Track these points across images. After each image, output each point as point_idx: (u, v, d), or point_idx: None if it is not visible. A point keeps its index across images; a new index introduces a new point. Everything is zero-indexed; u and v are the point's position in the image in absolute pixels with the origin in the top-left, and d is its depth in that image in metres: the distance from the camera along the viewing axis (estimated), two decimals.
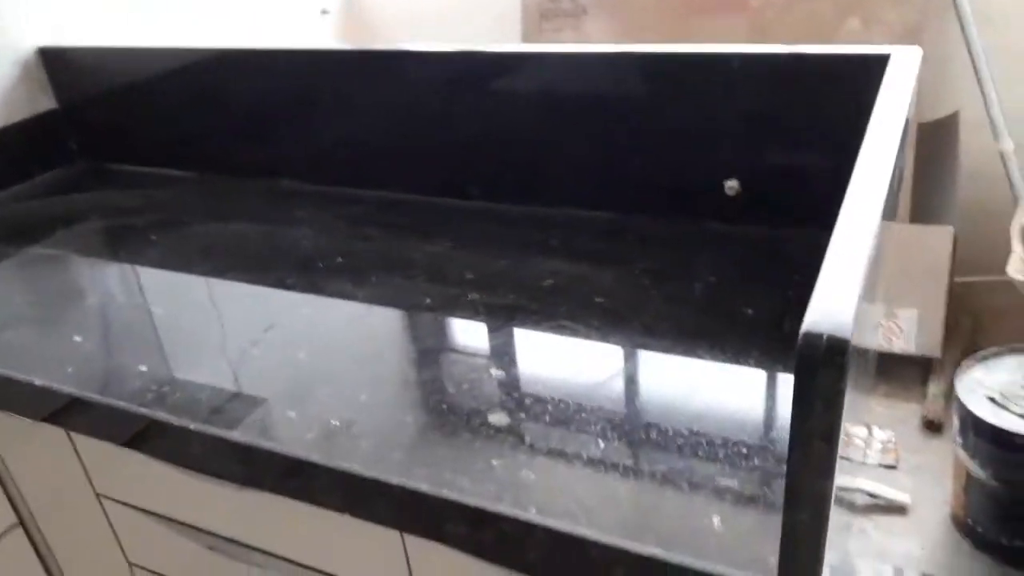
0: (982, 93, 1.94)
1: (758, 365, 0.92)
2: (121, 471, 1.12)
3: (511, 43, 2.27)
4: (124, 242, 1.42)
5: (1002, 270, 1.72)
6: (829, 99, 1.12)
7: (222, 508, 1.04)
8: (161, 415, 0.92)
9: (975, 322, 2.13)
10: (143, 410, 0.94)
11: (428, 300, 1.12)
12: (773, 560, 0.65)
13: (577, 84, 1.28)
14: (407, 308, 1.11)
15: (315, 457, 0.83)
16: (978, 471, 1.45)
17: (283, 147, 1.58)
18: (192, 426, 0.90)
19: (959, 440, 1.49)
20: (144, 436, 0.96)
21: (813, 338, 0.52)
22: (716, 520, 0.72)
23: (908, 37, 1.96)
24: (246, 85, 1.57)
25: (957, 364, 1.56)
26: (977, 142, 2.01)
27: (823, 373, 0.52)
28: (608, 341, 0.99)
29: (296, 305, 1.15)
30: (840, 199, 0.69)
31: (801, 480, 0.57)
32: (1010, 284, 1.67)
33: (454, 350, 1.02)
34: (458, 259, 1.23)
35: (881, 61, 1.06)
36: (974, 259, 2.00)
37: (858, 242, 0.62)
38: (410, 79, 1.40)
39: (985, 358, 1.55)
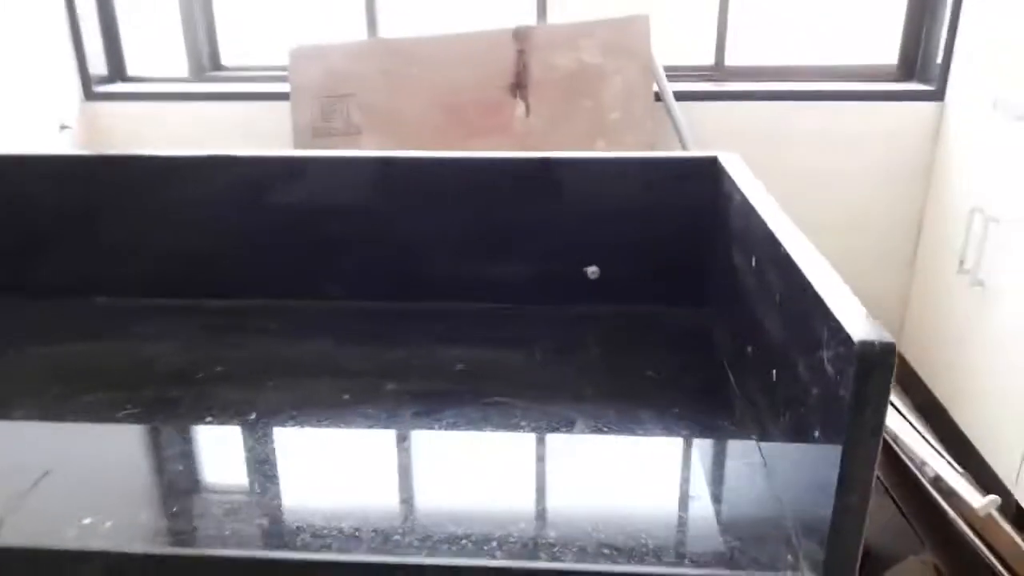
0: None
1: (685, 416, 1.05)
2: None
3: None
4: None
5: None
6: (669, 195, 1.34)
7: None
8: None
9: None
10: None
11: (346, 396, 1.10)
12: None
13: (438, 185, 1.36)
14: (330, 406, 1.08)
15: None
16: None
17: (88, 262, 1.43)
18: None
19: None
20: None
21: (868, 345, 0.66)
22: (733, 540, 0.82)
23: None
24: (22, 196, 1.41)
25: None
26: None
27: (878, 373, 0.66)
28: (550, 410, 1.06)
29: (197, 423, 1.05)
30: (684, 279, 0.87)
31: (854, 468, 0.69)
32: None
33: (407, 439, 1.02)
34: (351, 355, 1.22)
35: (712, 162, 1.30)
36: None
37: (832, 279, 0.79)
38: (249, 182, 1.38)
39: None
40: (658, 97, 2.39)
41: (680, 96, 2.40)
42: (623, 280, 1.37)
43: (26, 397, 1.11)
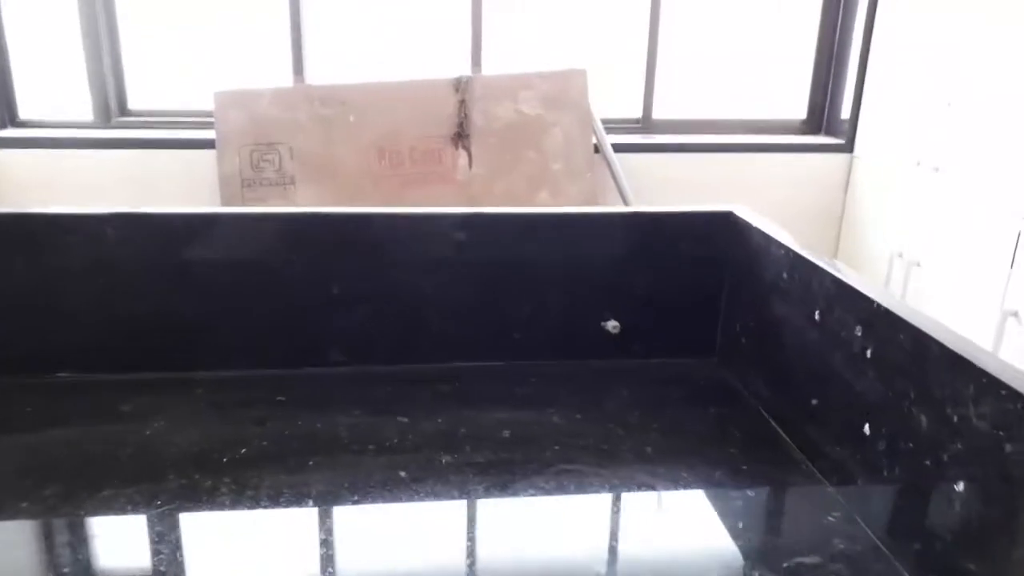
0: None
1: (757, 472, 1.04)
2: None
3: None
4: None
5: None
6: (686, 248, 1.35)
7: None
8: None
9: None
10: None
11: (403, 473, 1.01)
12: None
13: (443, 241, 1.31)
14: (389, 484, 0.99)
15: None
16: None
17: (44, 335, 1.26)
18: None
19: None
20: None
21: None
22: None
23: (586, 205, 2.37)
24: None
25: None
26: None
27: None
28: (623, 474, 1.02)
29: (250, 512, 0.93)
30: (697, 330, 0.89)
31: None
32: None
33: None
34: (387, 427, 1.13)
35: (725, 216, 1.32)
36: None
37: (955, 331, 0.81)
38: (226, 241, 1.26)
39: None
40: (596, 148, 2.43)
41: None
42: (637, 334, 1.36)
43: (18, 499, 0.94)
